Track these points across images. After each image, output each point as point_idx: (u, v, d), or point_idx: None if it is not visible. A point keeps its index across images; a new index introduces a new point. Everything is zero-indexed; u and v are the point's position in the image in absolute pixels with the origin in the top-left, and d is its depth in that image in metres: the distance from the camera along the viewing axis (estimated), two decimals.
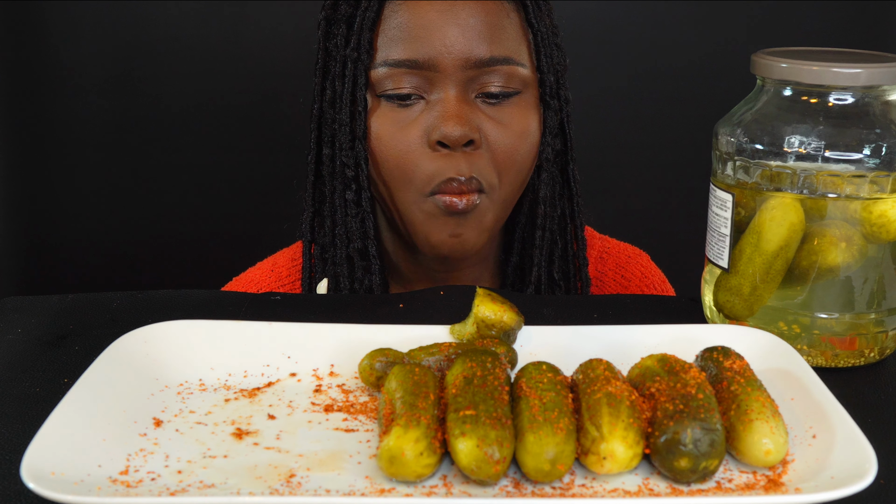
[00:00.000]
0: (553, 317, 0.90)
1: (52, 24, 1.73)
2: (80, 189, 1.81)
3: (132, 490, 0.61)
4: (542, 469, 0.61)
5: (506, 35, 1.01)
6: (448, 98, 0.99)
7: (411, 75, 0.99)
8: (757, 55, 0.82)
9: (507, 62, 1.00)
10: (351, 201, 1.04)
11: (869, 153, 0.77)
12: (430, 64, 0.98)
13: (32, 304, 0.92)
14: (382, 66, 1.00)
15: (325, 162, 1.06)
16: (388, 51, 1.00)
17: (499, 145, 1.00)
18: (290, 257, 1.18)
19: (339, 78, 1.02)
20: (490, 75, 0.99)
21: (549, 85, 1.05)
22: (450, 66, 0.98)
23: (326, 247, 1.08)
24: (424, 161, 0.99)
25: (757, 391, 0.67)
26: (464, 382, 0.66)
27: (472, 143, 0.99)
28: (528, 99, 1.03)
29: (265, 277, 1.17)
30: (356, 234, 1.05)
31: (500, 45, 1.00)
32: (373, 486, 0.63)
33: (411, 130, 0.99)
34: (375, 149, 1.01)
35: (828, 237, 0.78)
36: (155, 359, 0.76)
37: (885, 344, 0.82)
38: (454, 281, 1.11)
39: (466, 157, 0.99)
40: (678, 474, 0.63)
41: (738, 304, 0.83)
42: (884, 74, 0.78)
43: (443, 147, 0.98)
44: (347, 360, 0.77)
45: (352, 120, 1.02)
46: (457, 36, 0.98)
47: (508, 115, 1.01)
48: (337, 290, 1.08)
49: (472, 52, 0.98)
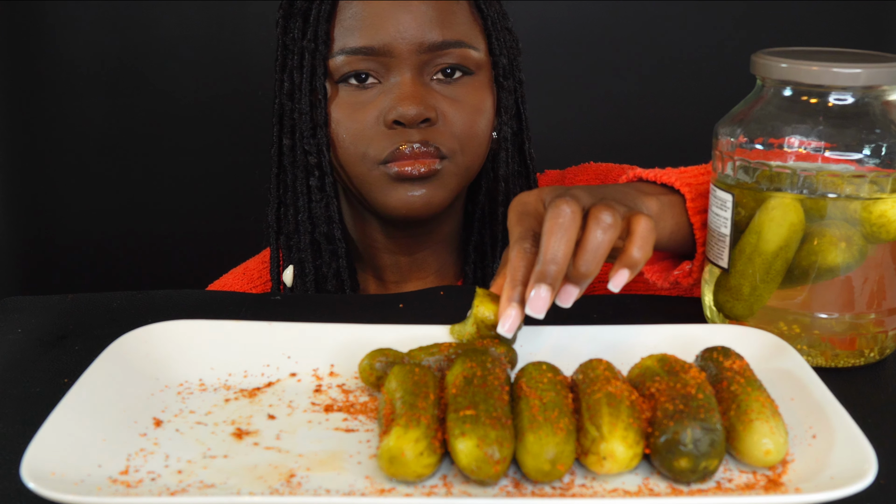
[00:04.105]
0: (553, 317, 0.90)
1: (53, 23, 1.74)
2: (80, 189, 1.81)
3: (132, 490, 0.61)
4: (542, 469, 0.61)
5: (456, 20, 1.05)
6: (404, 81, 1.03)
7: (368, 61, 1.03)
8: (757, 55, 0.82)
9: (458, 45, 1.04)
10: (315, 187, 1.08)
11: (869, 153, 0.77)
12: (385, 49, 1.02)
13: (32, 304, 0.92)
14: (340, 55, 1.04)
15: (286, 152, 1.10)
16: (344, 39, 1.04)
17: (455, 121, 1.04)
18: (260, 260, 1.22)
19: (297, 70, 1.07)
20: (443, 58, 1.04)
21: (502, 66, 1.10)
22: (404, 50, 1.02)
23: (291, 235, 1.11)
24: (378, 137, 1.03)
25: (757, 391, 0.67)
26: (464, 382, 0.66)
27: (427, 121, 1.03)
28: (482, 79, 1.08)
29: (237, 280, 1.21)
30: (321, 219, 1.09)
31: (451, 30, 1.04)
32: (373, 486, 0.63)
33: (368, 112, 1.03)
34: (334, 132, 1.05)
35: (828, 237, 0.78)
36: (155, 359, 0.76)
37: (885, 344, 0.82)
38: (421, 265, 1.14)
39: (421, 132, 1.02)
40: (678, 474, 0.63)
41: (738, 305, 0.83)
42: (884, 74, 0.78)
43: (398, 126, 1.02)
44: (347, 360, 0.77)
45: (311, 108, 1.06)
46: (409, 22, 1.02)
47: (463, 93, 1.06)
48: (302, 276, 1.10)
49: (424, 36, 1.03)
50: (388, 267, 1.15)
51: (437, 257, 1.16)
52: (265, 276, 1.20)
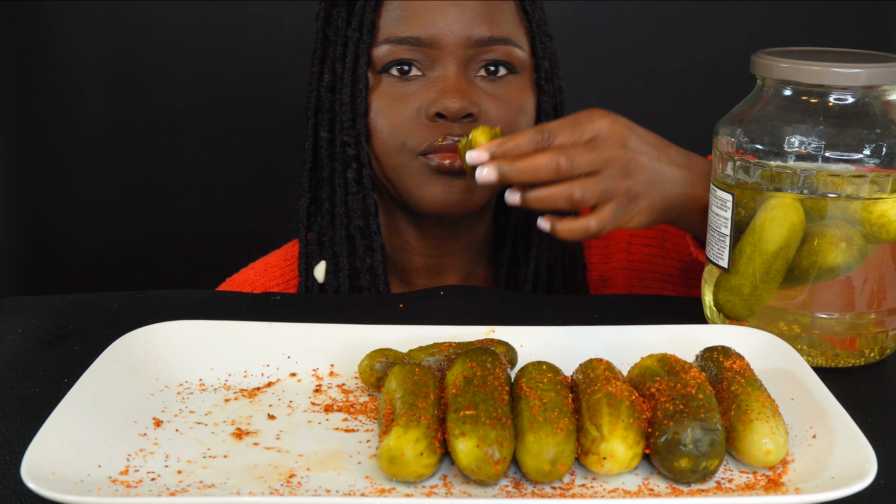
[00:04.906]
0: (553, 317, 0.90)
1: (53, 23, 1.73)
2: (80, 189, 1.81)
3: (132, 490, 0.61)
4: (542, 469, 0.61)
5: (504, 18, 1.05)
6: (449, 74, 1.02)
7: (413, 51, 1.02)
8: (757, 55, 0.82)
9: (505, 42, 1.04)
10: (352, 180, 1.07)
11: (869, 153, 0.77)
12: (432, 41, 1.01)
13: (32, 304, 0.92)
14: (385, 44, 1.03)
15: (323, 146, 1.09)
16: (391, 29, 1.03)
17: (498, 119, 1.03)
18: (282, 257, 1.19)
19: (339, 60, 1.06)
20: (489, 54, 1.03)
21: (545, 69, 1.09)
22: (451, 43, 1.02)
23: (325, 229, 1.10)
24: (418, 129, 1.02)
25: (757, 391, 0.67)
26: (464, 382, 0.66)
27: (470, 116, 1.01)
28: (525, 80, 1.07)
29: (259, 278, 1.18)
30: (357, 212, 1.08)
31: (498, 27, 1.03)
32: (373, 486, 0.63)
33: (409, 103, 1.02)
34: (373, 123, 1.04)
35: (828, 237, 0.78)
36: (155, 359, 0.76)
37: (885, 344, 0.82)
38: (448, 269, 1.13)
39: (463, 126, 1.01)
40: (678, 474, 0.63)
41: (738, 304, 0.83)
42: (884, 74, 0.78)
43: (440, 119, 1.01)
44: (347, 360, 0.77)
45: (352, 99, 1.05)
46: (458, 15, 1.02)
47: (506, 91, 1.05)
48: (336, 271, 1.09)
49: (472, 31, 1.02)
50: (415, 270, 1.13)
51: (464, 264, 1.14)
52: (287, 273, 1.17)
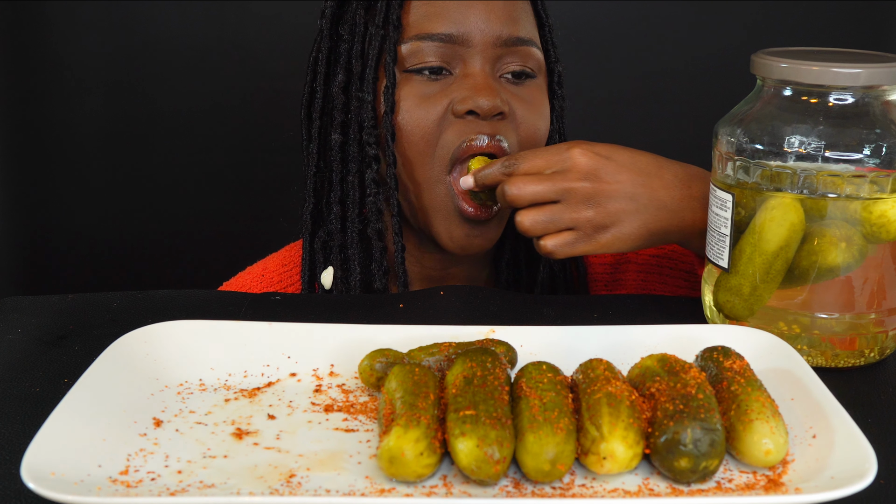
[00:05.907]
0: (553, 317, 0.90)
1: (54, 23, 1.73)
2: (81, 189, 1.81)
3: (132, 490, 0.61)
4: (542, 469, 0.61)
5: (526, 19, 1.05)
6: (479, 73, 1.02)
7: (443, 48, 1.02)
8: (757, 55, 0.82)
9: (529, 43, 1.04)
10: (371, 181, 1.04)
11: (869, 153, 0.77)
12: (463, 38, 1.01)
13: (32, 304, 0.92)
14: (413, 41, 1.02)
15: (334, 148, 1.06)
16: (420, 25, 1.02)
17: (524, 121, 1.03)
18: (279, 262, 1.17)
19: (356, 58, 1.04)
20: (514, 55, 1.04)
21: (557, 74, 1.10)
22: (481, 41, 1.01)
23: (333, 234, 1.07)
24: (449, 129, 1.01)
25: (757, 391, 0.67)
26: (464, 382, 0.66)
27: (501, 114, 1.01)
28: (542, 84, 1.07)
29: (255, 282, 1.16)
30: (375, 214, 1.05)
31: (523, 28, 1.04)
32: (373, 486, 0.63)
33: (439, 101, 1.01)
34: (401, 122, 1.02)
35: (828, 237, 0.78)
36: (155, 359, 0.76)
37: (885, 344, 0.82)
38: (451, 277, 1.12)
39: (492, 124, 1.01)
40: (678, 474, 0.62)
41: (738, 304, 0.83)
42: (884, 74, 0.78)
43: (471, 116, 1.00)
44: (347, 360, 0.77)
45: (374, 97, 1.03)
46: (487, 14, 1.02)
47: (530, 94, 1.05)
48: (346, 277, 1.07)
49: (501, 30, 1.02)
50: (419, 278, 1.12)
51: (468, 273, 1.13)
52: (286, 279, 1.15)
